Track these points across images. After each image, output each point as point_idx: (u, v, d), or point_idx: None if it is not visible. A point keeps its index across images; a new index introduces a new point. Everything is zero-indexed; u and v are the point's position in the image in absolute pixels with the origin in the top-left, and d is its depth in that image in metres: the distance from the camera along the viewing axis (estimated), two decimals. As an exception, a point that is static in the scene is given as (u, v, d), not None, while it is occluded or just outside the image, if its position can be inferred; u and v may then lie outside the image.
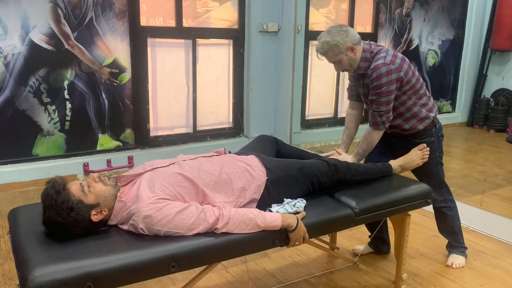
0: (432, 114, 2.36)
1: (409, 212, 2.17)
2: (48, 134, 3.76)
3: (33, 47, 3.57)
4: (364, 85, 2.30)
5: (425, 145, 2.33)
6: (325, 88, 5.36)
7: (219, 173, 1.77)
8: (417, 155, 2.31)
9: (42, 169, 3.68)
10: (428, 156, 2.32)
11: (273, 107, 4.95)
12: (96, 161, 3.94)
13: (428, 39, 6.10)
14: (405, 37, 5.84)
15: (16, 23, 3.48)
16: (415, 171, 2.43)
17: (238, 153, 2.06)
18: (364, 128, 2.41)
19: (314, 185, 1.99)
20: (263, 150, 2.13)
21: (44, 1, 3.54)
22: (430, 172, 2.41)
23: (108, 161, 3.99)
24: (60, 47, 3.67)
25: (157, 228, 1.54)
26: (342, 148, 2.46)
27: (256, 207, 1.79)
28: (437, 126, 2.42)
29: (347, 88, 2.54)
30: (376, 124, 2.26)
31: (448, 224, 2.54)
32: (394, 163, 2.30)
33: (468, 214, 3.13)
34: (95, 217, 1.57)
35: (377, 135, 2.30)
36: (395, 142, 2.44)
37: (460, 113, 6.64)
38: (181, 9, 4.21)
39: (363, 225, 2.57)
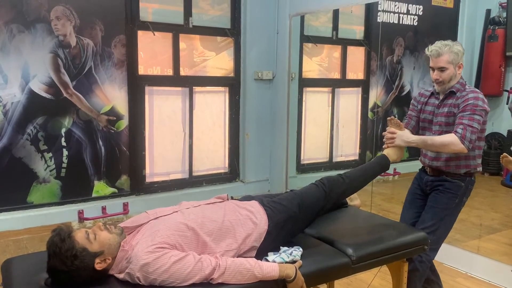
0: (478, 169, 2.35)
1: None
2: (44, 181, 3.75)
3: (32, 96, 3.62)
4: (446, 105, 2.31)
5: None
6: (320, 133, 5.42)
7: (222, 220, 1.77)
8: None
9: (36, 217, 3.64)
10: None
11: (269, 152, 4.99)
12: (91, 208, 3.91)
13: (420, 85, 6.24)
14: (396, 83, 5.98)
15: (16, 72, 3.56)
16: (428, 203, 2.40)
17: (241, 199, 2.06)
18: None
19: (316, 213, 2.02)
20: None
21: (45, 51, 3.65)
22: (436, 210, 2.35)
23: (103, 208, 3.96)
24: (59, 95, 3.74)
25: (153, 277, 1.53)
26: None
27: (256, 254, 1.78)
28: (473, 179, 2.38)
29: (406, 117, 2.55)
30: (464, 137, 2.14)
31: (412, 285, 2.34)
32: (387, 151, 2.30)
33: (466, 260, 3.11)
34: (98, 265, 1.57)
35: (454, 147, 2.17)
36: (428, 183, 2.42)
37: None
38: (179, 59, 4.33)
39: (361, 272, 2.53)
